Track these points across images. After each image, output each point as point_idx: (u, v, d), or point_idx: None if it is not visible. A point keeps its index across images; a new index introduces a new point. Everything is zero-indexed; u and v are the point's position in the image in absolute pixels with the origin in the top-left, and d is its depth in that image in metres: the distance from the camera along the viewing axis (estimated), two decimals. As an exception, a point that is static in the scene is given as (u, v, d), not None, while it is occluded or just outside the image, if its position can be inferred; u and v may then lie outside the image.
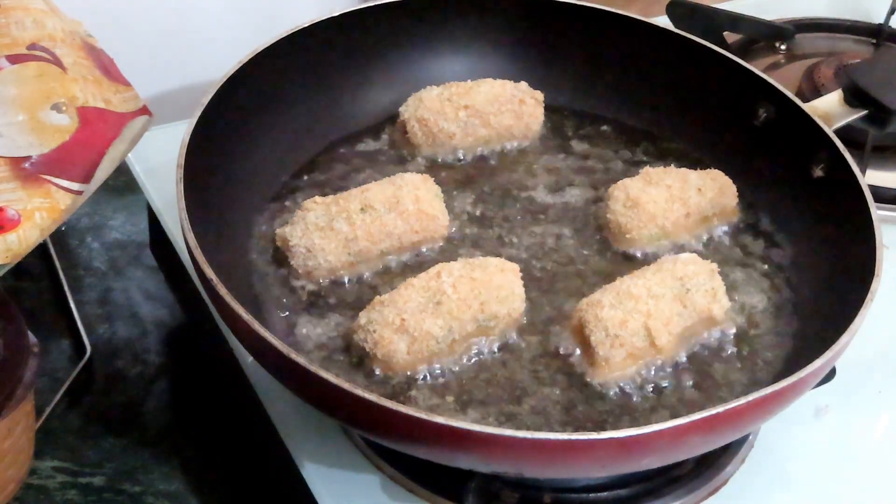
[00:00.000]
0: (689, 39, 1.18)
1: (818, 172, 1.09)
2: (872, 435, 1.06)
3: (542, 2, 1.21)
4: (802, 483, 1.01)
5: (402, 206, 1.03)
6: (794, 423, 1.03)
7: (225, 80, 1.05)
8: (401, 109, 1.15)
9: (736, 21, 1.41)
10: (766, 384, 0.93)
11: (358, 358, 0.95)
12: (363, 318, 0.95)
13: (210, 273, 0.89)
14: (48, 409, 1.05)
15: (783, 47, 1.44)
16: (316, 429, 0.98)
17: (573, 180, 1.14)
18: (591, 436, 0.84)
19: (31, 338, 0.93)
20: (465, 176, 1.14)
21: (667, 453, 0.89)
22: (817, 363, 0.89)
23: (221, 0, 1.38)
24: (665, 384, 0.97)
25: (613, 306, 0.96)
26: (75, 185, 0.97)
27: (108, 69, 1.06)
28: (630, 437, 0.83)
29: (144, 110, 1.05)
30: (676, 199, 1.07)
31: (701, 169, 1.11)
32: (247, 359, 1.01)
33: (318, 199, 1.03)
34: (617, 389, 0.96)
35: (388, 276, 1.03)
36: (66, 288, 1.17)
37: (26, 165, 0.96)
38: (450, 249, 1.06)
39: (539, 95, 1.17)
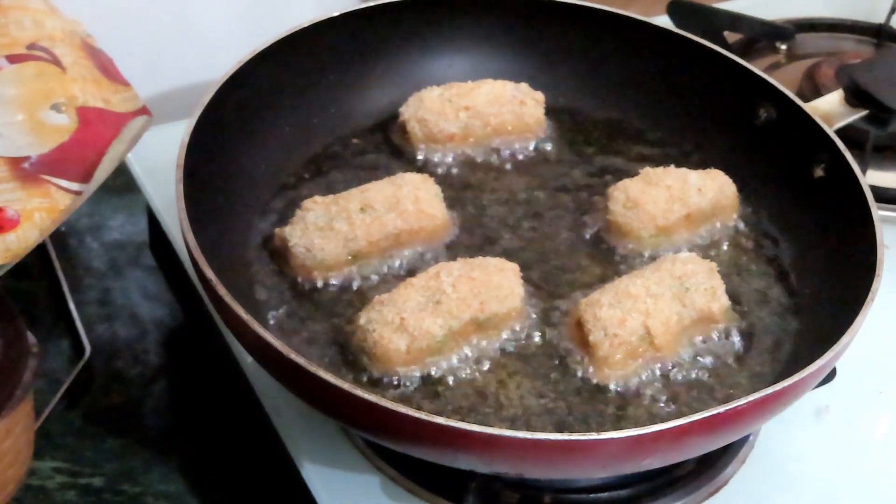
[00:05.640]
0: (690, 39, 1.18)
1: (819, 172, 1.08)
2: (873, 435, 1.06)
3: (542, 2, 1.21)
4: (803, 484, 1.01)
5: (402, 205, 1.03)
6: (794, 423, 1.03)
7: (225, 80, 1.05)
8: (401, 109, 1.15)
9: (736, 21, 1.41)
10: (766, 384, 0.92)
11: (357, 358, 0.95)
12: (363, 317, 0.95)
13: (210, 273, 0.89)
14: (47, 410, 1.05)
15: (784, 47, 1.44)
16: (316, 429, 0.98)
17: (573, 181, 1.14)
18: (591, 436, 0.84)
19: (31, 338, 0.93)
20: (465, 176, 1.14)
21: (667, 454, 0.89)
22: (818, 363, 0.88)
23: (221, 0, 1.38)
24: (664, 384, 0.96)
25: (612, 305, 0.96)
26: (75, 185, 0.97)
27: (107, 69, 1.06)
28: (630, 437, 0.83)
29: (144, 110, 1.05)
30: (676, 200, 1.07)
31: (701, 169, 1.11)
32: (246, 359, 1.01)
33: (317, 198, 1.03)
34: (616, 389, 0.95)
35: (388, 275, 1.02)
36: (65, 288, 1.17)
37: (25, 165, 0.96)
38: (449, 249, 1.06)
39: (539, 96, 1.17)
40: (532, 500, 0.94)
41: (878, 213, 1.01)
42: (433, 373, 0.95)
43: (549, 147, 1.17)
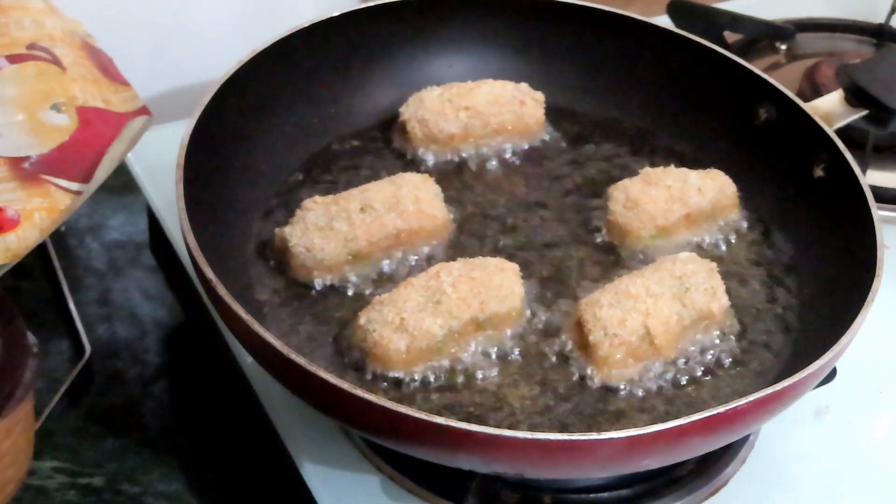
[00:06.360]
0: (689, 39, 1.18)
1: (819, 172, 1.08)
2: (874, 436, 1.06)
3: (542, 2, 1.21)
4: (803, 484, 1.01)
5: (402, 206, 1.03)
6: (794, 423, 1.03)
7: (225, 80, 1.05)
8: (401, 110, 1.15)
9: (736, 21, 1.41)
10: (766, 384, 0.92)
11: (357, 358, 0.95)
12: (363, 317, 0.95)
13: (210, 273, 0.89)
14: (47, 410, 1.05)
15: (783, 47, 1.44)
16: (316, 429, 0.98)
17: (573, 181, 1.14)
18: (591, 436, 0.84)
19: (31, 338, 0.93)
20: (465, 176, 1.14)
21: (667, 454, 0.89)
22: (818, 363, 0.88)
23: (221, 0, 1.38)
24: (664, 384, 0.96)
25: (612, 305, 0.96)
26: (75, 185, 0.97)
27: (107, 69, 1.06)
28: (630, 437, 0.83)
29: (144, 110, 1.05)
30: (676, 200, 1.07)
31: (701, 169, 1.11)
32: (247, 359, 1.01)
33: (317, 198, 1.03)
34: (616, 389, 0.95)
35: (388, 275, 1.02)
36: (65, 288, 1.17)
37: (25, 165, 0.96)
38: (449, 249, 1.06)
39: (539, 96, 1.17)
40: (532, 500, 0.94)
41: (878, 213, 1.01)
42: (433, 373, 0.95)
43: (549, 147, 1.17)
